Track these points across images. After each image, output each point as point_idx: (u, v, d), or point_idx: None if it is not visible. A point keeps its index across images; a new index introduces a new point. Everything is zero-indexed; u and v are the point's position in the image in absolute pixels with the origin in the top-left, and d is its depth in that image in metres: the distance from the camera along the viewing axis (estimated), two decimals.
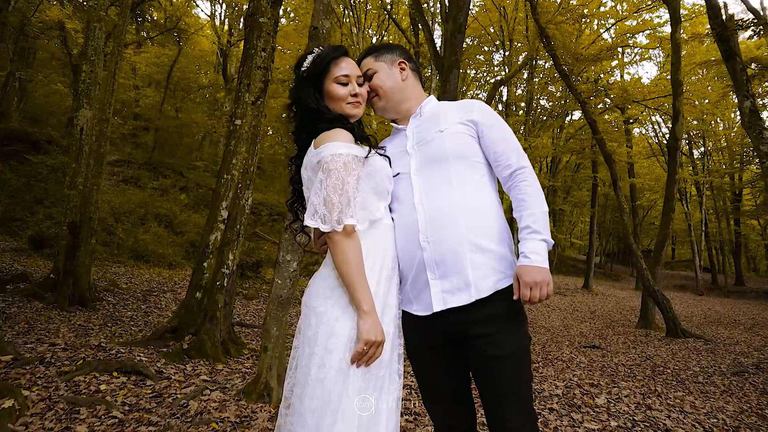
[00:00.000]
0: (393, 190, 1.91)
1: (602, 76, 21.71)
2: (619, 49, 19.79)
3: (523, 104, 23.02)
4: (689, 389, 5.74)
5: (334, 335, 1.64)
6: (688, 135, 27.12)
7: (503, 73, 21.80)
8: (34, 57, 23.85)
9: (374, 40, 21.30)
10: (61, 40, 21.01)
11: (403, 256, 1.86)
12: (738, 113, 26.16)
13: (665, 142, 26.37)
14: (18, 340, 4.79)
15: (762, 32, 8.38)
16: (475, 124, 1.93)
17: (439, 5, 15.03)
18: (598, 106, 19.19)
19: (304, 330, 1.73)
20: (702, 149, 29.58)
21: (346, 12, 19.94)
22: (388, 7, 19.15)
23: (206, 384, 4.16)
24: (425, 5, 16.85)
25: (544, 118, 24.29)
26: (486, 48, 23.01)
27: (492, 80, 24.19)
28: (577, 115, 25.55)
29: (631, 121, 24.55)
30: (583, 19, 17.80)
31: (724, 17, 8.08)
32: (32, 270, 9.45)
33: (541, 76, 22.46)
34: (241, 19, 23.57)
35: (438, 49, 11.76)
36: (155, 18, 23.95)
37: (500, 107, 24.23)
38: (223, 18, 27.18)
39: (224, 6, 26.21)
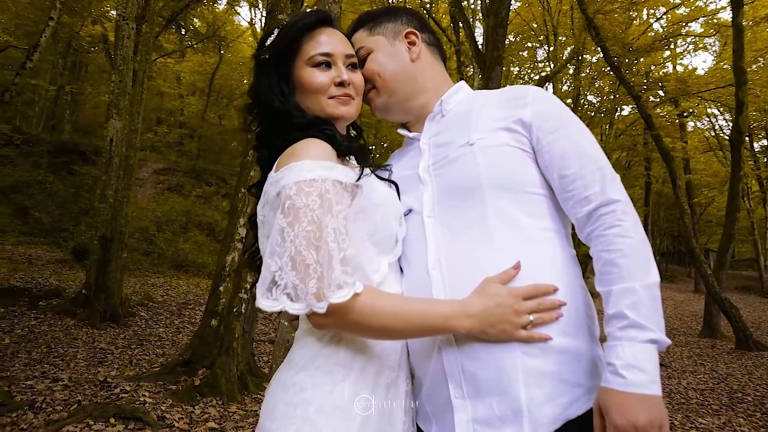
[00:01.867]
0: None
1: (653, 68, 20.63)
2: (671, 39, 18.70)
3: (569, 100, 22.04)
4: None
5: None
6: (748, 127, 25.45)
7: (548, 69, 21.03)
8: (86, 70, 24.65)
9: None
10: (105, 52, 21.52)
11: (413, 354, 1.15)
12: None
13: (722, 135, 24.87)
14: (22, 374, 4.49)
15: None
16: (528, 127, 1.13)
17: (479, 1, 14.46)
18: (651, 100, 18.16)
19: None
20: (763, 142, 27.75)
21: None
22: (427, 5, 18.61)
23: None
24: (465, 2, 16.28)
25: (592, 114, 23.25)
26: (529, 44, 22.27)
27: (536, 77, 23.40)
28: (627, 110, 24.39)
29: (685, 114, 23.27)
30: (633, 8, 16.84)
31: None
32: (68, 285, 9.39)
33: (588, 70, 21.53)
34: None
35: (480, 46, 11.24)
36: (197, 27, 24.24)
37: None
38: (263, 24, 27.23)
39: (264, 12, 26.27)
